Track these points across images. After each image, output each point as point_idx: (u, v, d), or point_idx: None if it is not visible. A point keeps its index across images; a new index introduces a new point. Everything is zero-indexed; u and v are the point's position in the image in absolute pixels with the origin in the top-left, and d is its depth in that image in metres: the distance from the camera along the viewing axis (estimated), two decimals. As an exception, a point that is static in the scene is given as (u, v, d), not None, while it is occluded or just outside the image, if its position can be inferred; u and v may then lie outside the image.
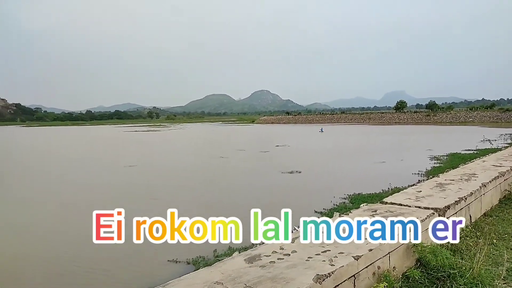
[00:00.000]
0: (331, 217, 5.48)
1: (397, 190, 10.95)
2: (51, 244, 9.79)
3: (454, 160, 20.50)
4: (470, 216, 6.41)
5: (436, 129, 59.51)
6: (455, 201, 5.74)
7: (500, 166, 9.04)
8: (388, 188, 13.78)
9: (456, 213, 5.64)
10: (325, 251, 3.79)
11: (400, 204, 5.59)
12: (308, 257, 3.64)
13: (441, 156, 23.24)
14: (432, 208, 5.31)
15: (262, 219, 4.14)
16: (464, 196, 6.08)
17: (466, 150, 25.66)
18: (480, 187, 6.85)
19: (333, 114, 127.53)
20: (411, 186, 7.16)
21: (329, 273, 3.23)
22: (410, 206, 5.47)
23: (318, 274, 3.18)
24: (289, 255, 3.76)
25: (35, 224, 11.62)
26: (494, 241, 5.65)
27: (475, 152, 23.97)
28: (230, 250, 7.57)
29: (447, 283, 4.30)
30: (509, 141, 30.93)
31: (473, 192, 6.45)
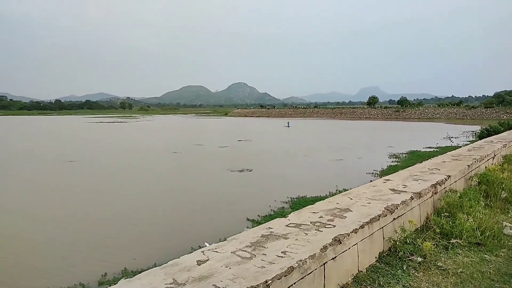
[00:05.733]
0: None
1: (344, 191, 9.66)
2: None
3: (413, 158, 19.83)
4: None
5: (403, 125, 59.81)
6: None
7: (400, 193, 5.50)
8: (336, 190, 12.67)
9: None
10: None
11: None
12: None
13: (400, 154, 22.48)
14: None
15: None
16: (277, 275, 2.75)
17: (427, 147, 25.11)
18: (330, 244, 3.40)
19: (305, 108, 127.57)
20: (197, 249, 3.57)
21: None
22: None
23: None
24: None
25: None
26: None
27: (435, 150, 23.45)
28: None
29: None
30: (470, 138, 30.74)
31: (302, 262, 2.99)
